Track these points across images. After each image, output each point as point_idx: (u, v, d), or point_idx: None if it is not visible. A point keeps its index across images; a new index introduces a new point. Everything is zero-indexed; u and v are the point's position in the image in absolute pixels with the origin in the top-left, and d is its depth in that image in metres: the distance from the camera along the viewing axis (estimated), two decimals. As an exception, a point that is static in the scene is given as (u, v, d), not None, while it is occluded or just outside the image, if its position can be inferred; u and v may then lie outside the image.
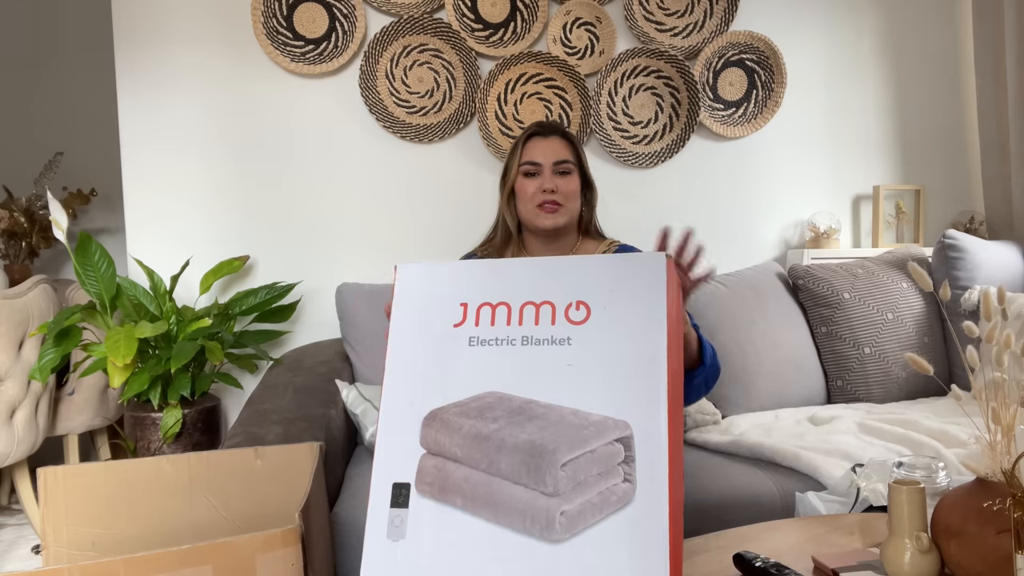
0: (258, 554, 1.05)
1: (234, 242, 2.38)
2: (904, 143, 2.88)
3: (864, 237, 2.87)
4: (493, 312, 0.93)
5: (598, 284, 0.90)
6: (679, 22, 2.61)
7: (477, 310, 0.93)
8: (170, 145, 2.35)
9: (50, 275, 3.30)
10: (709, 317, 2.20)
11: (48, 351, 2.11)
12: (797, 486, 1.64)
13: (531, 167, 1.60)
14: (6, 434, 2.24)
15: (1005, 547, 0.90)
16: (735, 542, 1.19)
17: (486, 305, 0.93)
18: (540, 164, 1.59)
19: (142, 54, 2.32)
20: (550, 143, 1.60)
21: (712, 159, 2.69)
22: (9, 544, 2.47)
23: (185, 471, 1.38)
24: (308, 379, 1.99)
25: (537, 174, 1.59)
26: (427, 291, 0.97)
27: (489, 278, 0.96)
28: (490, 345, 0.91)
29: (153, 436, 2.09)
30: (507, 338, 0.91)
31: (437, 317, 0.95)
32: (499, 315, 0.92)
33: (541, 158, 1.59)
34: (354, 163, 2.45)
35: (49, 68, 3.72)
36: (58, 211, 2.16)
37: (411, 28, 2.41)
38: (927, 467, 1.28)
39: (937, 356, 2.32)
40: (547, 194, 1.57)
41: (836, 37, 2.79)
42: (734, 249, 2.71)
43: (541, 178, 1.58)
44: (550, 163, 1.58)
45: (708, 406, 2.06)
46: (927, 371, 1.04)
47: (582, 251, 1.66)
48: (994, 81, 2.76)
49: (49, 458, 1.81)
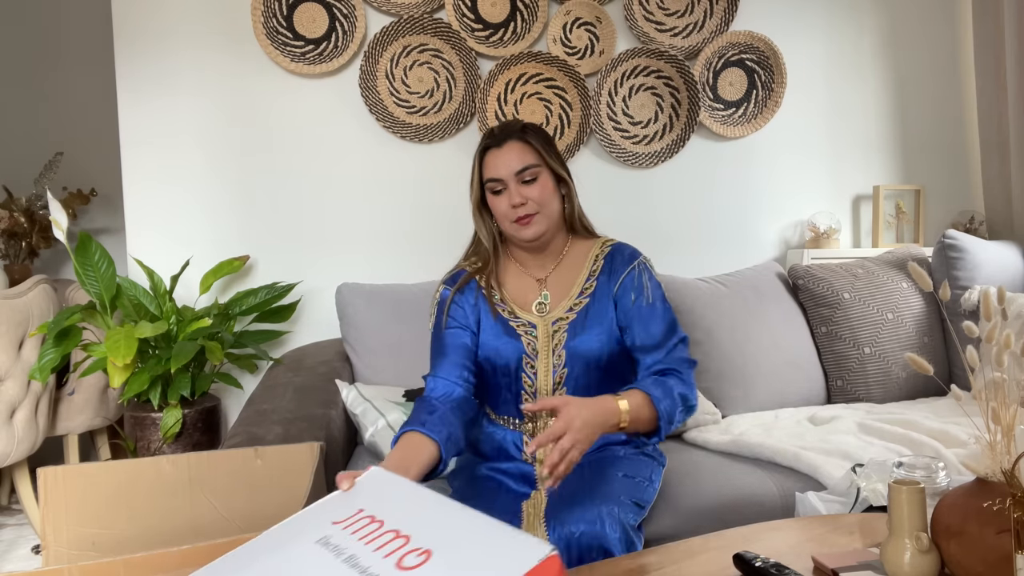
0: (258, 554, 1.05)
1: (234, 242, 2.38)
2: (904, 143, 2.88)
3: (864, 237, 2.87)
4: (368, 524, 0.88)
5: (455, 540, 0.80)
6: (679, 22, 2.61)
7: (360, 518, 0.90)
8: (170, 145, 2.34)
9: (50, 275, 3.29)
10: (709, 317, 2.20)
11: (48, 351, 2.11)
12: (797, 486, 1.64)
13: (494, 184, 1.49)
14: (6, 434, 2.24)
15: (1005, 547, 0.91)
16: (735, 542, 1.19)
17: (368, 517, 0.90)
18: (502, 179, 1.47)
19: (142, 55, 2.32)
20: (506, 152, 1.47)
21: (712, 159, 2.69)
22: (9, 544, 2.47)
23: (185, 471, 1.38)
24: (308, 379, 1.99)
25: (503, 190, 1.48)
26: (363, 489, 0.98)
27: (403, 495, 0.95)
28: (327, 550, 0.86)
29: (153, 436, 2.09)
30: (347, 552, 0.84)
31: (334, 509, 0.93)
32: (367, 529, 0.87)
33: (502, 172, 1.47)
34: (354, 163, 2.45)
35: (49, 68, 3.72)
36: (58, 211, 2.16)
37: (411, 28, 2.41)
38: (927, 467, 1.28)
39: (937, 356, 2.32)
40: (518, 208, 1.46)
41: (836, 37, 2.79)
42: (734, 249, 2.71)
43: (508, 192, 1.47)
44: (512, 175, 1.46)
45: (708, 406, 2.06)
46: (927, 371, 1.04)
47: (572, 254, 1.57)
48: (994, 81, 2.76)
49: (49, 458, 1.80)
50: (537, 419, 1.50)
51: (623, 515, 1.29)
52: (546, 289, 1.55)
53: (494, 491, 1.44)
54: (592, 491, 1.33)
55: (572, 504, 1.30)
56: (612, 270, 1.54)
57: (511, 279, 1.58)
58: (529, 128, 1.52)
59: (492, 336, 1.51)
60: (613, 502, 1.30)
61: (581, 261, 1.57)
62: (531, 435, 1.50)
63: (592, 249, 1.58)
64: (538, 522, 1.30)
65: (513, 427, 1.52)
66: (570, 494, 1.34)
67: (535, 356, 1.49)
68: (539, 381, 1.49)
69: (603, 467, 1.43)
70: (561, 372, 1.48)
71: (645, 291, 1.51)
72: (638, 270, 1.54)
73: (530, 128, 1.52)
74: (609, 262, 1.55)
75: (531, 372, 1.49)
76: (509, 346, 1.49)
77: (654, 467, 1.50)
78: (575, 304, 1.52)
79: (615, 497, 1.32)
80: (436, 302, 1.58)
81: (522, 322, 1.52)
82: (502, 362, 1.49)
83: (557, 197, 1.53)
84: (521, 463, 1.50)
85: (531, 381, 1.49)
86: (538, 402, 1.28)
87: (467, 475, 1.53)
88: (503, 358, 1.49)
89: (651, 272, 1.56)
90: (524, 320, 1.52)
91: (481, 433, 1.56)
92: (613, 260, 1.55)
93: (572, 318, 1.51)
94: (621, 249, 1.58)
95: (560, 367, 1.48)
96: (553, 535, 1.26)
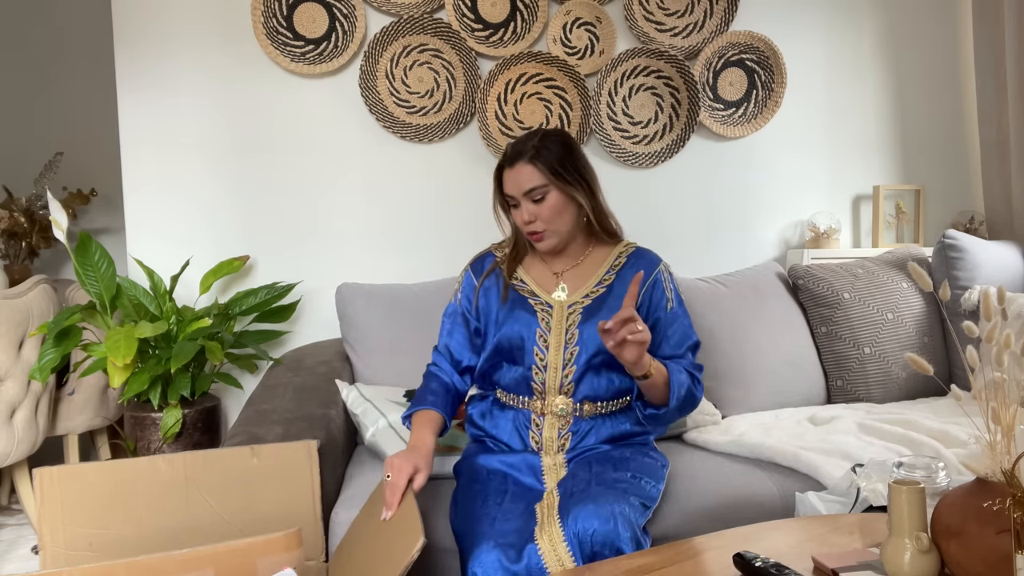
0: (260, 557, 1.05)
1: (234, 242, 2.38)
2: (904, 143, 2.88)
3: (864, 237, 2.87)
4: None
5: None
6: (679, 22, 2.61)
7: None
8: (170, 145, 2.34)
9: (50, 275, 3.29)
10: (709, 317, 2.20)
11: (48, 351, 2.11)
12: (797, 486, 1.64)
13: (511, 199, 1.58)
14: (6, 434, 2.24)
15: (1005, 547, 0.90)
16: (735, 542, 1.19)
17: None
18: (515, 196, 1.56)
19: (142, 55, 2.32)
20: (516, 173, 1.54)
21: (712, 159, 2.69)
22: (9, 544, 2.47)
23: (181, 470, 1.38)
24: (308, 379, 1.99)
25: (517, 205, 1.57)
26: None
27: None
28: None
29: (153, 436, 2.09)
30: None
31: None
32: None
33: (513, 191, 1.55)
34: (354, 163, 2.45)
35: (49, 68, 3.72)
36: (58, 211, 2.16)
37: (411, 28, 2.41)
38: (927, 467, 1.28)
39: (937, 356, 2.32)
40: (528, 225, 1.55)
41: (836, 37, 2.79)
42: (734, 249, 2.71)
43: (521, 208, 1.56)
44: (521, 194, 1.54)
45: (708, 406, 2.06)
46: (927, 371, 1.04)
47: (591, 259, 1.63)
48: (994, 81, 2.76)
49: (49, 458, 1.81)
50: (546, 397, 1.54)
51: (633, 515, 1.32)
52: (563, 282, 1.61)
53: (503, 489, 1.46)
54: (604, 489, 1.36)
55: (585, 500, 1.32)
56: (633, 268, 1.60)
57: (533, 266, 1.66)
58: (543, 144, 1.54)
59: (511, 314, 1.58)
60: (624, 502, 1.32)
61: (601, 261, 1.63)
62: (539, 414, 1.55)
63: (613, 252, 1.64)
64: (552, 520, 1.32)
65: (523, 406, 1.57)
66: (582, 491, 1.36)
67: (548, 332, 1.55)
68: (550, 356, 1.54)
69: (613, 466, 1.46)
70: (572, 350, 1.54)
71: (668, 301, 1.59)
72: (662, 279, 1.61)
73: (544, 144, 1.54)
74: (631, 261, 1.62)
75: (543, 346, 1.55)
76: (525, 321, 1.56)
77: (658, 469, 1.54)
78: (592, 292, 1.59)
79: (626, 497, 1.35)
80: (460, 281, 1.69)
81: (540, 301, 1.59)
82: (518, 337, 1.56)
83: (570, 210, 1.57)
84: (527, 454, 1.54)
85: (543, 355, 1.54)
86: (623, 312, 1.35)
87: (473, 469, 1.55)
88: (518, 334, 1.56)
89: (672, 278, 1.64)
90: (543, 300, 1.59)
91: (491, 422, 1.60)
92: (637, 262, 1.61)
93: (588, 303, 1.58)
94: (641, 254, 1.64)
95: (572, 345, 1.54)
96: (568, 532, 1.28)
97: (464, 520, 1.40)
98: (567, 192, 1.54)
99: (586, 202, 1.57)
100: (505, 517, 1.35)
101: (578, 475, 1.44)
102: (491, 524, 1.34)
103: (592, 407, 1.55)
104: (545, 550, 1.27)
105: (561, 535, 1.28)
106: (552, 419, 1.54)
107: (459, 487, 1.54)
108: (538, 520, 1.34)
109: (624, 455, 1.51)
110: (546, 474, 1.50)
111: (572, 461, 1.52)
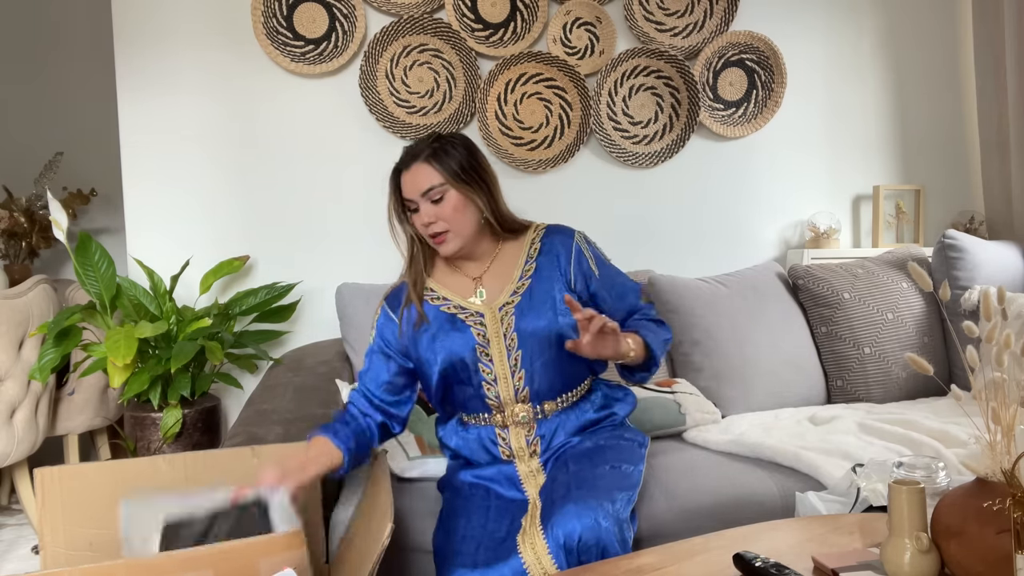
0: (260, 557, 1.05)
1: (234, 242, 2.38)
2: (904, 143, 2.88)
3: (864, 237, 2.87)
4: None
5: None
6: (679, 22, 2.61)
7: None
8: (170, 145, 2.34)
9: (50, 275, 3.29)
10: (709, 317, 2.20)
11: (48, 351, 2.11)
12: (797, 486, 1.64)
13: (409, 203, 1.53)
14: (6, 434, 2.24)
15: (1005, 547, 0.90)
16: (735, 542, 1.19)
17: None
18: (413, 199, 1.51)
19: (142, 55, 2.32)
20: (413, 175, 1.50)
21: (712, 159, 2.69)
22: (9, 544, 2.47)
23: (182, 470, 1.38)
24: (308, 379, 1.99)
25: (416, 208, 1.51)
26: None
27: None
28: None
29: (153, 436, 2.09)
30: None
31: None
32: None
33: (411, 193, 1.50)
34: (354, 163, 2.45)
35: (49, 68, 3.72)
36: (58, 211, 2.16)
37: (411, 28, 2.41)
38: (927, 467, 1.28)
39: (937, 356, 2.32)
40: (428, 227, 1.50)
41: (836, 37, 2.79)
42: (734, 249, 2.71)
43: (420, 211, 1.51)
44: (419, 195, 1.49)
45: (708, 405, 2.06)
46: (927, 371, 1.04)
47: (505, 256, 1.57)
48: (994, 81, 2.76)
49: (49, 458, 1.80)
50: (504, 409, 1.51)
51: (616, 510, 1.30)
52: (482, 287, 1.56)
53: (486, 505, 1.45)
54: (584, 490, 1.33)
55: (566, 503, 1.30)
56: (550, 250, 1.56)
57: (447, 278, 1.60)
58: (440, 146, 1.51)
59: (443, 336, 1.52)
60: (606, 499, 1.31)
61: (516, 254, 1.58)
62: (503, 427, 1.52)
63: (525, 241, 1.59)
64: (535, 529, 1.30)
65: (484, 423, 1.53)
66: (562, 495, 1.34)
67: (487, 344, 1.50)
68: (496, 367, 1.50)
69: (590, 462, 1.43)
70: (516, 354, 1.50)
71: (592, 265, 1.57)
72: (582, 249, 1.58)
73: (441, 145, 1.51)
74: (547, 243, 1.58)
75: (487, 361, 1.50)
76: (460, 340, 1.50)
77: (636, 449, 1.52)
78: (518, 287, 1.54)
79: (608, 494, 1.33)
80: (375, 318, 1.60)
81: (469, 313, 1.53)
82: (458, 358, 1.50)
83: (471, 211, 1.52)
84: (502, 465, 1.51)
85: (488, 369, 1.50)
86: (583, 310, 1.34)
87: (455, 484, 1.54)
88: (457, 354, 1.50)
89: (591, 245, 1.61)
90: (471, 311, 1.53)
91: (459, 440, 1.56)
92: (552, 240, 1.58)
93: (517, 300, 1.52)
94: (553, 231, 1.60)
95: (514, 350, 1.50)
96: (551, 540, 1.26)
97: (443, 538, 1.40)
98: (465, 193, 1.50)
99: (485, 204, 1.52)
100: (491, 538, 1.35)
101: (557, 479, 1.41)
102: (470, 544, 1.34)
103: (552, 404, 1.52)
104: (529, 561, 1.26)
105: (544, 545, 1.26)
106: (516, 429, 1.51)
107: (444, 501, 1.53)
108: (522, 528, 1.33)
109: (599, 444, 1.49)
110: (524, 482, 1.48)
111: (548, 463, 1.50)
